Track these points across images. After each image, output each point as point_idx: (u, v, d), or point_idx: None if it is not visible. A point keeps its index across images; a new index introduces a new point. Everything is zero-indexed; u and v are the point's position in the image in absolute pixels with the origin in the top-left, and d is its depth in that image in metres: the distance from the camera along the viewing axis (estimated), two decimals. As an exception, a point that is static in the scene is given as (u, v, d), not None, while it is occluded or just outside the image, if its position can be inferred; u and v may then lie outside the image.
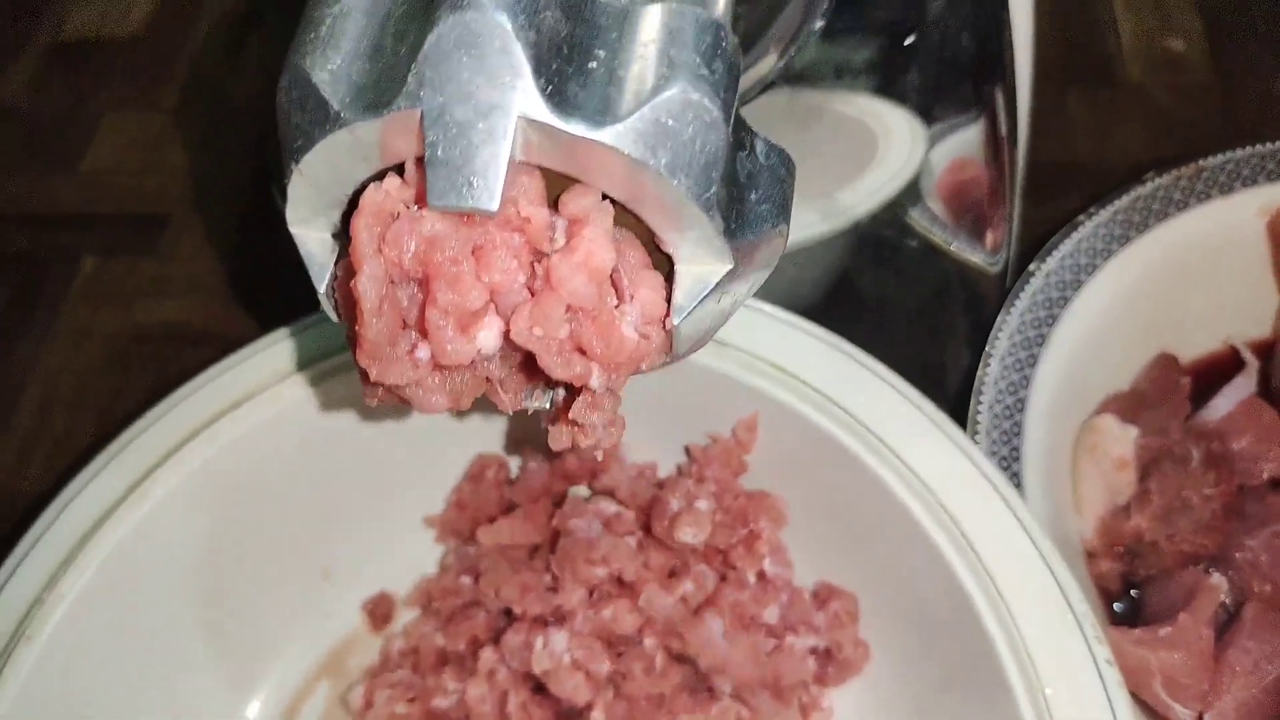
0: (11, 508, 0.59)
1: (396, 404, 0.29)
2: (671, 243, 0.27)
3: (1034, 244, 0.53)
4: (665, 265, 0.28)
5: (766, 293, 0.47)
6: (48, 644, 0.42)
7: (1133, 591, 0.49)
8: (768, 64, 0.39)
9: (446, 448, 0.52)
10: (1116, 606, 0.49)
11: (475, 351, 0.27)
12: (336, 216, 0.28)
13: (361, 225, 0.25)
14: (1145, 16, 0.72)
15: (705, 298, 0.27)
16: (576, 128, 0.23)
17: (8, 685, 0.41)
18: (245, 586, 0.49)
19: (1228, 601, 0.47)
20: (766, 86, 0.39)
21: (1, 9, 0.84)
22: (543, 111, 0.23)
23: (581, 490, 0.51)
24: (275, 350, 0.47)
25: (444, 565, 0.52)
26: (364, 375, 0.28)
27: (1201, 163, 0.53)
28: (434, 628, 0.50)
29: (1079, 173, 0.65)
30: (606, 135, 0.24)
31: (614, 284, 0.27)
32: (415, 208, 0.25)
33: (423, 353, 0.27)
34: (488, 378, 0.29)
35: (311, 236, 0.28)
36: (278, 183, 0.27)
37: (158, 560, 0.45)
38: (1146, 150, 0.65)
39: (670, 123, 0.24)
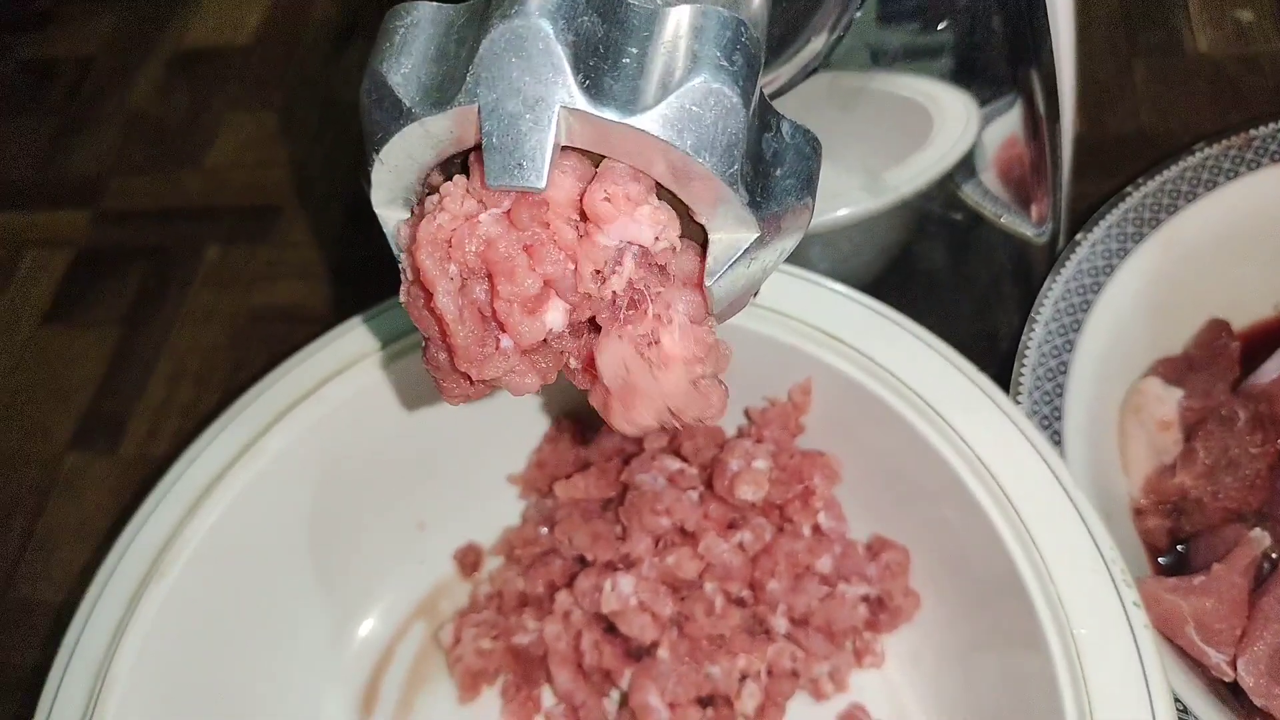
0: (147, 469, 0.66)
1: (479, 399, 0.34)
2: (704, 214, 0.30)
3: (1092, 214, 0.54)
4: (700, 235, 0.31)
5: (822, 266, 0.50)
6: (177, 580, 0.47)
7: (1179, 547, 0.50)
8: (810, 51, 0.41)
9: (528, 413, 0.57)
10: (1162, 560, 0.50)
11: (546, 330, 0.31)
12: (414, 199, 0.32)
13: (423, 255, 0.30)
14: (1213, -14, 0.71)
15: (735, 262, 0.31)
16: (611, 114, 0.27)
17: (143, 615, 0.47)
18: (349, 536, 0.54)
19: (1274, 555, 0.48)
20: (810, 72, 0.42)
21: (128, 25, 0.92)
22: (581, 102, 0.27)
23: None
24: (377, 322, 0.52)
25: (525, 517, 0.57)
26: (440, 381, 0.33)
27: (1252, 132, 0.53)
28: (515, 573, 0.54)
29: (1144, 144, 0.66)
30: (637, 120, 0.27)
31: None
32: (471, 218, 0.29)
33: (506, 341, 0.31)
34: (562, 352, 0.33)
35: (393, 216, 0.33)
36: (364, 171, 0.32)
37: (271, 510, 0.51)
38: (1214, 121, 0.65)
39: (694, 109, 0.28)
